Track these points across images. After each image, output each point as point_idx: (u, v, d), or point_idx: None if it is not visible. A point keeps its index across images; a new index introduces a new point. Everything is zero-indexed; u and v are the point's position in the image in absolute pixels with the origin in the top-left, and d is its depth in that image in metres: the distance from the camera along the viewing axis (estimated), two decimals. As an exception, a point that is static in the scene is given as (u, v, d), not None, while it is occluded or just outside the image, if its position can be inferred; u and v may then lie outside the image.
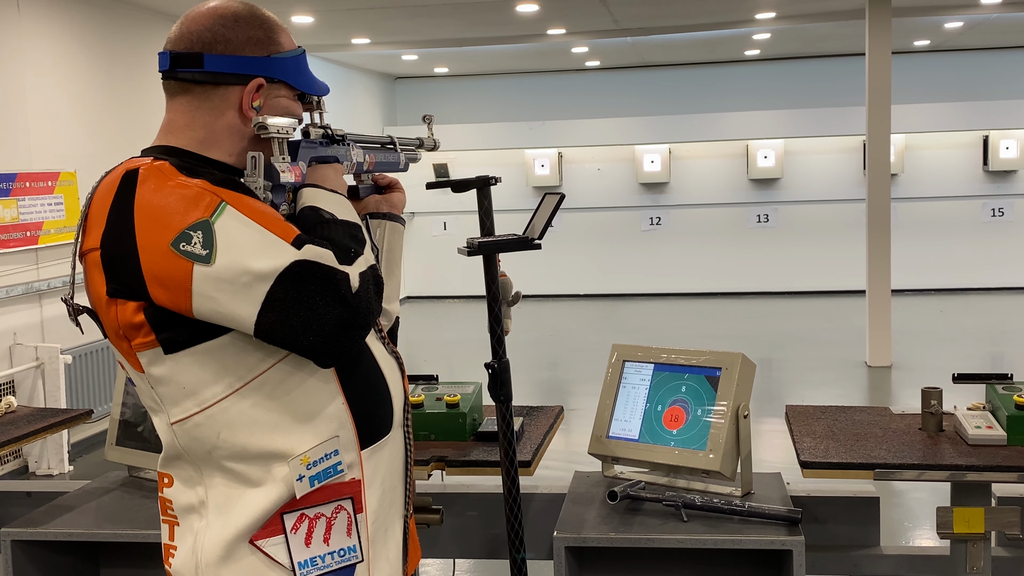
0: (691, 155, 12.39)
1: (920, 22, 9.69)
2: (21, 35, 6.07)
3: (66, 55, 6.49)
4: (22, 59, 6.07)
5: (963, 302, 11.37)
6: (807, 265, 12.18)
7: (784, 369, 8.47)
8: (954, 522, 2.60)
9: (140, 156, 1.60)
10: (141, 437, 2.93)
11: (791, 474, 2.84)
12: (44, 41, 6.28)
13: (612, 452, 2.76)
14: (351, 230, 1.57)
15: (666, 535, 2.45)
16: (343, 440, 1.57)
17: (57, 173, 6.31)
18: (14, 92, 6.01)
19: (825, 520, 2.90)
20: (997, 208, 11.90)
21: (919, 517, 4.75)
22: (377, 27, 8.99)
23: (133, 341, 1.51)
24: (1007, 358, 8.68)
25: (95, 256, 1.51)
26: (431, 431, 2.83)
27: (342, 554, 1.57)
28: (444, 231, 12.58)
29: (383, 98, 12.85)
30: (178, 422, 1.54)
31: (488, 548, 3.03)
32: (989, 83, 11.98)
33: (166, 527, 1.62)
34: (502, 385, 2.28)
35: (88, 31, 6.69)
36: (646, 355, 2.82)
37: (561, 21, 9.01)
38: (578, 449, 3.46)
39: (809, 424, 2.88)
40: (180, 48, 1.60)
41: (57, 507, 2.86)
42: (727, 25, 9.49)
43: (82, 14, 6.63)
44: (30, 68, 6.14)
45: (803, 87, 12.34)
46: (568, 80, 12.86)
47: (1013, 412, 2.63)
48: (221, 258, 1.42)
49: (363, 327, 1.49)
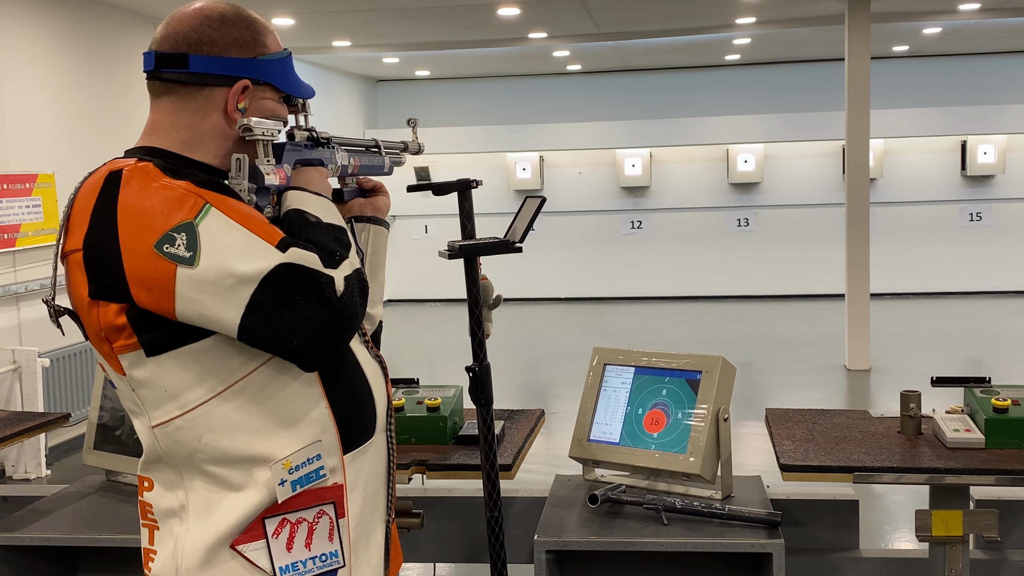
0: (672, 159, 12.43)
1: (899, 28, 9.76)
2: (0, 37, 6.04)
3: (44, 57, 6.45)
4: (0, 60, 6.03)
5: (942, 306, 11.44)
6: (787, 269, 12.23)
7: (764, 372, 8.50)
8: (932, 525, 2.61)
9: (124, 157, 1.58)
10: (119, 441, 2.92)
11: (771, 477, 2.85)
12: (22, 43, 6.24)
13: (593, 455, 2.76)
14: (336, 233, 1.56)
15: (647, 538, 2.45)
16: (326, 445, 1.56)
17: (35, 175, 6.27)
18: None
19: (805, 523, 2.91)
20: (975, 212, 11.99)
21: (898, 520, 4.78)
22: (358, 29, 8.97)
23: (115, 343, 1.50)
24: (985, 362, 8.75)
25: (77, 257, 1.50)
26: (412, 435, 2.83)
27: (324, 559, 1.57)
28: (426, 234, 12.56)
29: (364, 101, 12.83)
30: (159, 425, 1.53)
31: (469, 552, 3.03)
32: (967, 88, 12.08)
33: (146, 531, 1.61)
34: (483, 389, 2.28)
35: (67, 33, 6.65)
36: (627, 358, 2.83)
37: (542, 25, 9.02)
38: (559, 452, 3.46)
39: (789, 427, 2.89)
40: (165, 48, 1.59)
41: (34, 512, 2.84)
42: (708, 30, 9.53)
43: (61, 16, 6.59)
44: (8, 70, 6.09)
45: (783, 92, 12.40)
46: (549, 84, 12.88)
47: (991, 415, 2.65)
48: (205, 260, 1.41)
49: (348, 331, 1.48)
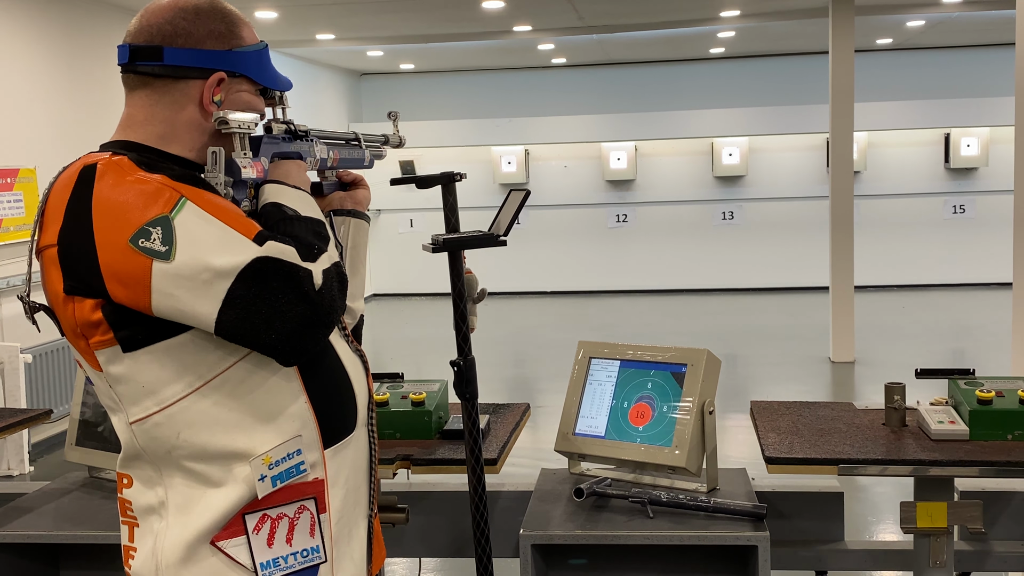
0: (657, 152, 12.44)
1: (883, 20, 9.78)
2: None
3: (26, 50, 6.39)
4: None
5: (925, 298, 11.49)
6: (771, 261, 12.27)
7: (749, 365, 8.52)
8: (917, 517, 2.62)
9: (99, 151, 1.57)
10: (101, 437, 2.90)
11: (756, 470, 2.85)
12: (3, 36, 6.18)
13: (578, 449, 2.76)
14: (314, 227, 1.55)
15: (632, 532, 2.45)
16: (306, 439, 1.55)
17: (16, 170, 6.22)
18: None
19: (790, 515, 2.91)
20: (958, 205, 12.04)
21: (883, 512, 4.80)
22: (341, 23, 8.94)
23: (91, 339, 1.48)
24: (969, 354, 8.79)
25: (52, 253, 1.48)
26: (396, 429, 2.81)
27: (305, 555, 1.56)
28: (411, 228, 12.54)
29: (348, 95, 12.78)
30: (137, 422, 1.51)
31: (454, 547, 3.02)
32: (951, 81, 12.12)
33: (126, 528, 1.60)
34: (467, 383, 2.28)
35: (49, 26, 6.60)
36: (612, 352, 2.82)
37: (527, 18, 9.00)
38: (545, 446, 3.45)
39: (774, 420, 2.89)
40: (139, 41, 1.57)
41: (15, 509, 2.82)
42: (692, 23, 9.53)
43: (42, 9, 6.53)
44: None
45: (767, 85, 12.42)
46: (534, 77, 12.87)
47: (975, 407, 2.66)
48: (181, 255, 1.40)
49: (326, 325, 1.47)
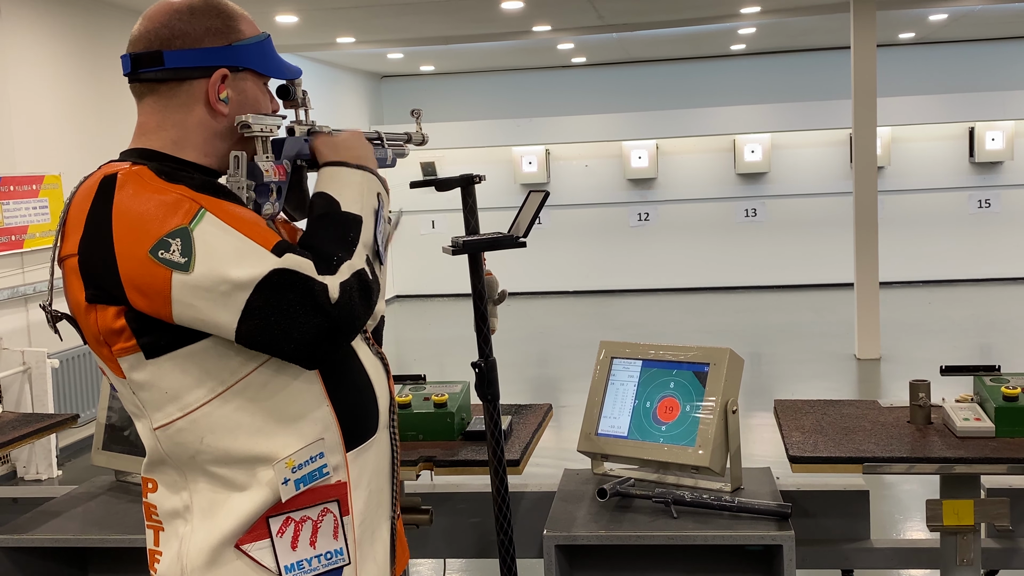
0: (678, 150, 12.40)
1: (905, 15, 9.72)
2: (3, 38, 6.03)
3: (50, 57, 6.45)
4: (5, 62, 6.03)
5: (951, 294, 11.40)
6: (795, 259, 12.20)
7: (773, 363, 8.48)
8: (944, 515, 2.60)
9: (118, 160, 1.58)
10: (128, 441, 2.92)
11: (780, 469, 2.84)
12: (27, 43, 6.24)
13: (601, 449, 2.75)
14: (344, 229, 1.54)
15: (656, 532, 2.44)
16: (328, 442, 1.56)
17: (41, 176, 6.28)
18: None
19: (815, 514, 2.90)
20: (984, 199, 11.94)
21: (909, 510, 4.76)
22: (362, 26, 8.96)
23: (114, 347, 1.50)
24: (995, 349, 8.71)
25: (73, 262, 1.50)
26: (419, 431, 2.82)
27: (329, 557, 1.56)
28: (432, 229, 12.55)
29: (369, 97, 12.82)
30: (161, 427, 1.52)
31: (478, 547, 3.02)
32: (974, 75, 12.02)
33: (151, 532, 1.61)
34: (489, 384, 2.27)
35: (72, 33, 6.65)
36: (634, 352, 2.81)
37: (546, 18, 8.99)
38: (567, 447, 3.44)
39: (798, 418, 2.87)
40: (139, 49, 1.58)
41: (44, 513, 2.84)
42: (712, 20, 9.50)
43: (66, 16, 6.59)
44: (13, 71, 6.10)
45: (789, 81, 12.36)
46: (554, 77, 12.86)
47: (1001, 404, 2.63)
48: (200, 266, 1.41)
49: (346, 334, 1.48)
